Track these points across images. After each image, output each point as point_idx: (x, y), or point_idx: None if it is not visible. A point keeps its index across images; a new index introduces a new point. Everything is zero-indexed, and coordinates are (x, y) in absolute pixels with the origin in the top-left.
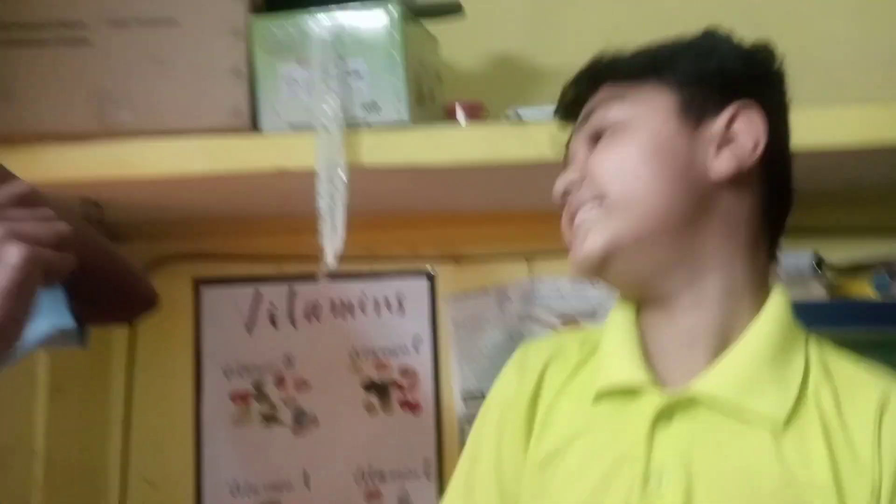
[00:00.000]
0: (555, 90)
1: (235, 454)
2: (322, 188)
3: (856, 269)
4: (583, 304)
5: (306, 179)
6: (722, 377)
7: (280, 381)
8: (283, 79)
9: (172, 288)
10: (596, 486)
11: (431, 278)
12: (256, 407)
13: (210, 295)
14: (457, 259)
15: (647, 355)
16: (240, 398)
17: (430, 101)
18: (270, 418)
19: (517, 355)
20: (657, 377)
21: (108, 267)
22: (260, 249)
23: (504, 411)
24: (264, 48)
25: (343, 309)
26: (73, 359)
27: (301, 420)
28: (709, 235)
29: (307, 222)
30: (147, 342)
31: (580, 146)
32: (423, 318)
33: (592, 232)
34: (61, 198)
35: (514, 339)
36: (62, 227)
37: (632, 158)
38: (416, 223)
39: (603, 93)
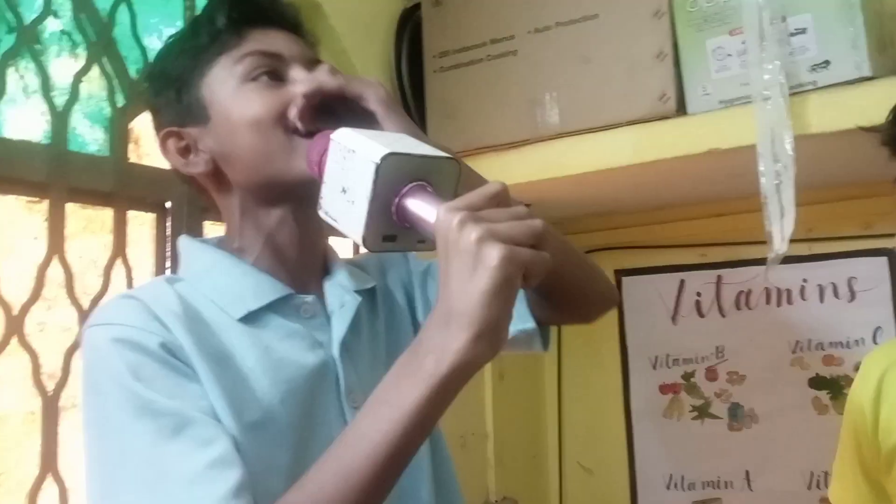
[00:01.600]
0: None
1: (668, 447)
2: (765, 165)
3: None
4: None
5: (740, 159)
6: None
7: (711, 373)
8: (713, 54)
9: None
10: None
11: (891, 258)
12: (687, 399)
13: (633, 285)
14: None
15: None
16: (669, 389)
17: (893, 47)
18: (703, 412)
19: (863, 362)
20: None
21: (574, 265)
22: (682, 237)
23: (853, 416)
24: (690, 24)
25: (780, 296)
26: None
27: (737, 415)
28: None
29: (733, 205)
30: (574, 333)
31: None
32: (883, 304)
33: None
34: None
35: None
36: (537, 224)
37: None
38: (868, 194)
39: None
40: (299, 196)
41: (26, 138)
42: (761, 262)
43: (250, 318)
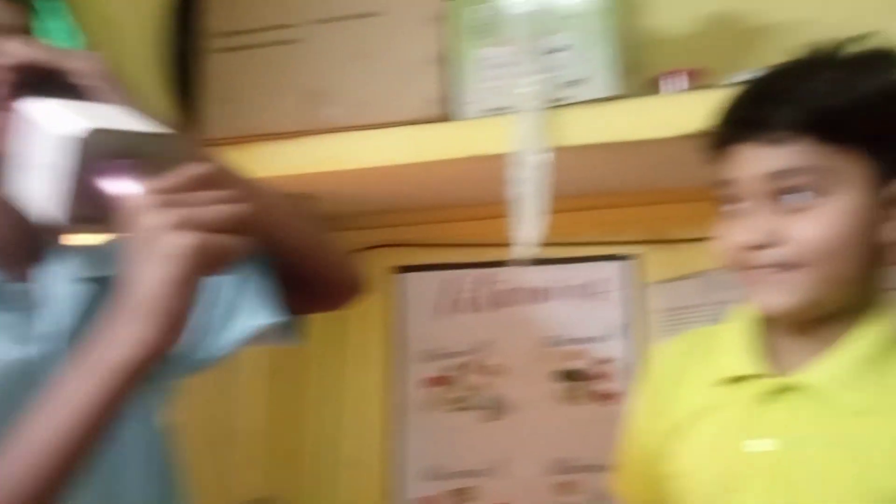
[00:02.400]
0: (779, 50)
1: (429, 439)
2: (517, 173)
3: None
4: None
5: (500, 166)
6: (825, 372)
7: (471, 367)
8: (482, 63)
9: (372, 275)
10: (707, 449)
11: (631, 263)
12: (448, 392)
13: (405, 281)
14: (660, 242)
15: (765, 349)
16: (432, 383)
17: (638, 72)
18: (462, 404)
19: (656, 351)
20: (770, 369)
21: (314, 250)
22: (454, 237)
23: (641, 400)
24: (462, 33)
25: (538, 295)
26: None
27: (493, 406)
28: (862, 277)
29: (499, 209)
30: (340, 328)
31: (760, 193)
32: (621, 305)
33: (795, 292)
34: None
35: None
36: (238, 209)
37: (836, 242)
38: (619, 203)
39: (802, 147)
40: None
41: None
42: (520, 263)
43: None
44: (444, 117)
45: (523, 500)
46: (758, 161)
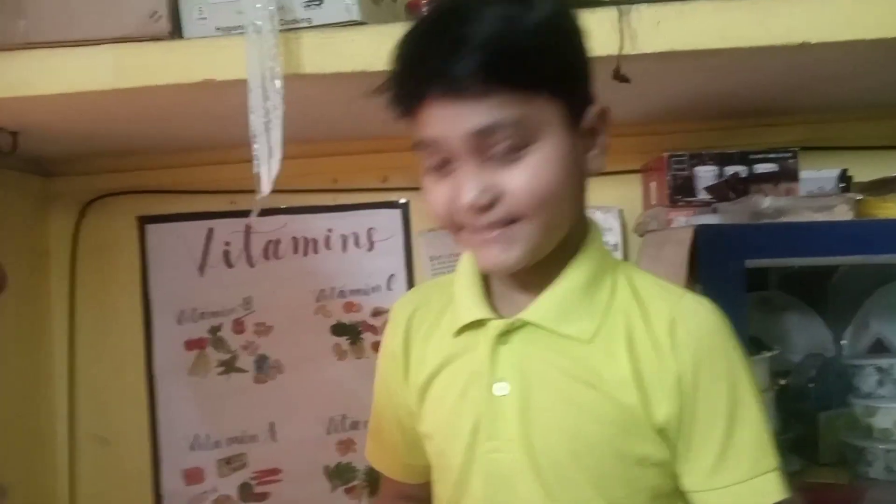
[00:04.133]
0: None
1: (193, 406)
2: (255, 101)
3: (884, 186)
4: None
5: (238, 94)
6: (540, 309)
7: (238, 326)
8: None
9: (114, 227)
10: (456, 399)
11: (405, 210)
12: (214, 354)
13: (156, 233)
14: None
15: (491, 295)
16: (195, 345)
17: (385, 2)
18: (229, 366)
19: (391, 310)
20: (499, 312)
21: None
22: (210, 183)
23: (386, 362)
24: None
25: (306, 246)
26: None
27: (263, 367)
28: (575, 213)
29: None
30: (89, 287)
31: (468, 151)
32: (396, 253)
33: (517, 246)
34: None
35: None
36: None
37: (552, 185)
38: (386, 148)
39: (498, 100)
40: None
41: None
42: (290, 210)
43: None
44: (169, 36)
45: (297, 463)
46: (454, 120)
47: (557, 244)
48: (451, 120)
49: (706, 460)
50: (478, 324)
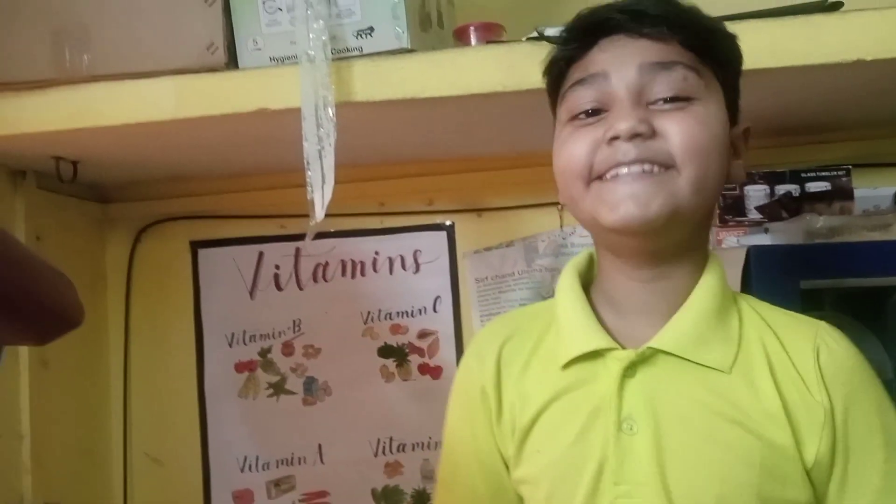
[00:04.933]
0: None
1: (243, 428)
2: (308, 129)
3: None
4: None
5: (290, 123)
6: (674, 335)
7: (288, 348)
8: (264, 6)
9: (169, 251)
10: (575, 439)
11: (450, 232)
12: (263, 376)
13: (209, 257)
14: (478, 210)
15: (603, 321)
16: (245, 367)
17: (438, 26)
18: (279, 388)
19: (473, 342)
20: (617, 339)
21: (22, 278)
22: (261, 207)
23: (470, 401)
24: None
25: (354, 268)
26: None
27: (311, 389)
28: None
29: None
30: (144, 310)
31: (634, 90)
32: (442, 275)
33: (662, 196)
34: None
35: (543, 296)
36: None
37: (710, 144)
38: (432, 171)
39: (682, 55)
40: None
41: None
42: (338, 234)
43: None
44: (225, 67)
45: (344, 485)
46: (635, 52)
47: (686, 248)
48: (632, 52)
49: (865, 499)
50: (594, 354)
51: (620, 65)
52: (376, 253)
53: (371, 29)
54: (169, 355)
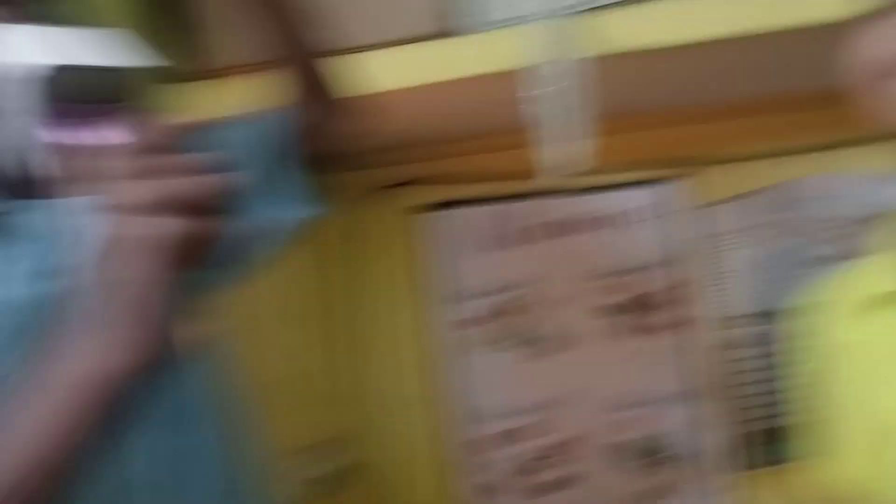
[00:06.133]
0: None
1: (478, 378)
2: (547, 86)
3: None
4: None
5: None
6: None
7: (519, 304)
8: None
9: (400, 214)
10: None
11: (688, 184)
12: (496, 330)
13: (439, 218)
14: (719, 159)
15: None
16: (476, 322)
17: None
18: (511, 341)
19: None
20: None
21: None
22: (495, 168)
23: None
24: None
25: (586, 225)
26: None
27: (533, 344)
28: None
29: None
30: (372, 267)
31: None
32: (679, 229)
33: None
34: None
35: (793, 251)
36: (220, 182)
37: None
38: (675, 122)
39: None
40: None
41: None
42: (548, 193)
43: None
44: (451, 32)
45: (576, 438)
46: None
47: None
48: None
49: None
50: None
51: None
52: (612, 208)
53: None
54: (401, 309)
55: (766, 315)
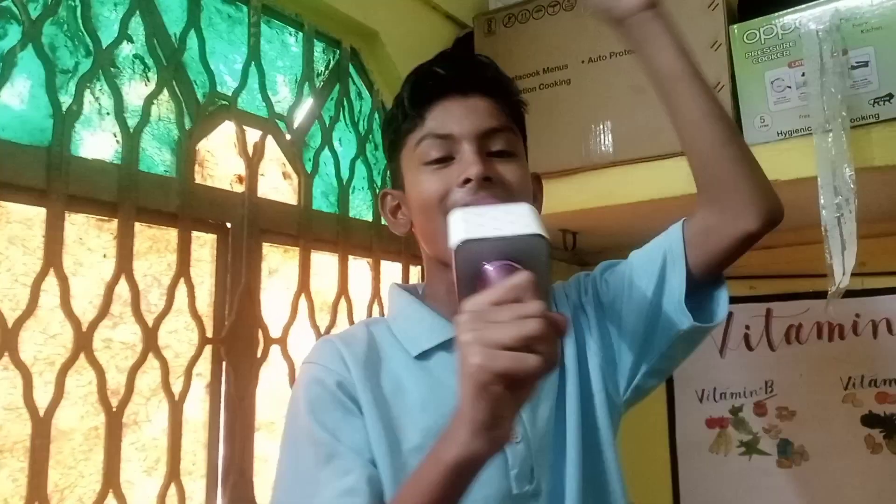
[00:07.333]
0: None
1: (714, 482)
2: (826, 198)
3: None
4: None
5: (798, 192)
6: None
7: (760, 408)
8: (772, 85)
9: None
10: None
11: None
12: (735, 434)
13: None
14: None
15: None
16: (716, 424)
17: None
18: (751, 447)
19: None
20: None
21: (723, 140)
22: (731, 269)
23: None
24: (747, 56)
25: (832, 331)
26: None
27: (786, 451)
28: None
29: (782, 237)
30: None
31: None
32: None
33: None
34: None
35: None
36: (530, 327)
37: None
38: None
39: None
40: None
41: (99, 158)
42: (812, 295)
43: (424, 356)
44: None
45: None
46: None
47: None
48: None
49: None
50: None
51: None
52: (857, 315)
53: (890, 95)
54: (642, 407)
55: None
